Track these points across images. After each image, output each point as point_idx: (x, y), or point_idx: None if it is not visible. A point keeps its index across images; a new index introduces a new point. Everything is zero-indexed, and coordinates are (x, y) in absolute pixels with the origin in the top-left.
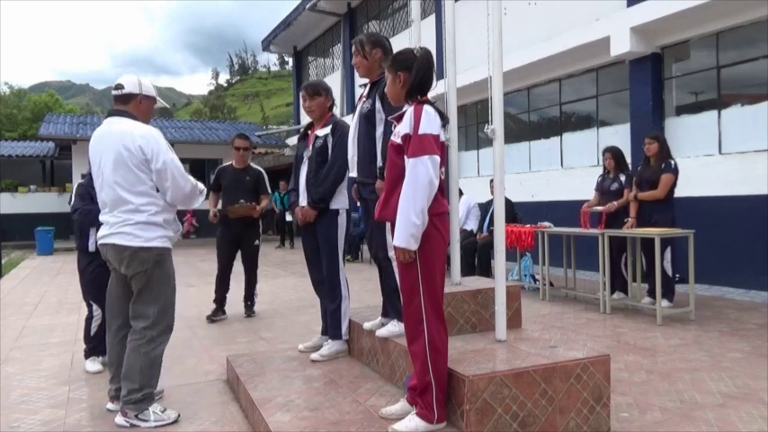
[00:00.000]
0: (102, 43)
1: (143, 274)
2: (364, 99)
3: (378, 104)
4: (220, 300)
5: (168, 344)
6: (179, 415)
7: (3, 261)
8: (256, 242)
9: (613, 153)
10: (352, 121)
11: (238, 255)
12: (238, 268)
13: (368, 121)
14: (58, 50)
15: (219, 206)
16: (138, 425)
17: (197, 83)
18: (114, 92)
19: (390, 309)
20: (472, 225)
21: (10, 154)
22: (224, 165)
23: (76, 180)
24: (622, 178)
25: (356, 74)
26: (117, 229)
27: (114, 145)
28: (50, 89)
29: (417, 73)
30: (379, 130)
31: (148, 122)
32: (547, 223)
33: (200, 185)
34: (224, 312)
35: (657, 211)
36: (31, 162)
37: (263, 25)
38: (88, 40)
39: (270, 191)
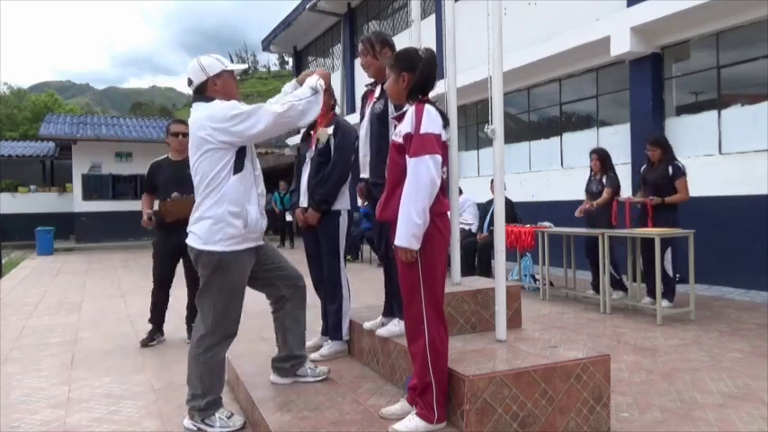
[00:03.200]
0: (101, 43)
1: (203, 278)
2: (375, 99)
3: (391, 105)
4: (159, 321)
5: (168, 343)
6: (245, 422)
7: (3, 261)
8: None
9: (599, 155)
10: (362, 122)
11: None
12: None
13: (381, 121)
14: (58, 50)
15: (156, 207)
16: (204, 429)
17: None
18: (189, 87)
19: (397, 308)
20: (471, 223)
21: (10, 154)
22: (157, 159)
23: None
24: (604, 180)
25: (356, 74)
26: (189, 227)
27: (191, 138)
28: (50, 89)
29: (422, 74)
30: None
31: (235, 95)
32: (547, 223)
33: (300, 96)
34: (162, 333)
35: (659, 212)
36: (31, 162)
37: (262, 25)
38: (88, 40)
39: None
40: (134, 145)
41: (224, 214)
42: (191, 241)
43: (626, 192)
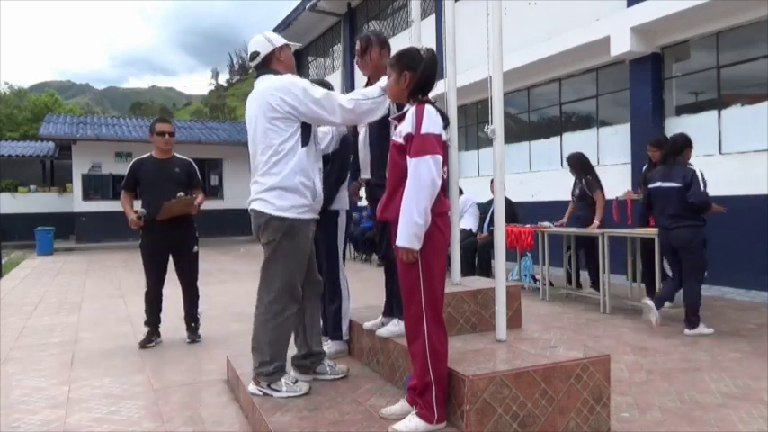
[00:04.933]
0: (101, 43)
1: (272, 244)
2: None
3: (393, 106)
4: (155, 322)
5: (168, 343)
6: (310, 387)
7: (3, 261)
8: (195, 248)
9: (570, 162)
10: (360, 126)
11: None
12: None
13: (381, 124)
14: (57, 50)
15: (138, 207)
16: (270, 394)
17: (197, 83)
18: (252, 62)
19: (397, 308)
20: (471, 224)
21: (10, 154)
22: (140, 157)
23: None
24: (583, 183)
25: (356, 74)
26: (256, 195)
27: (259, 105)
28: (50, 89)
29: (423, 74)
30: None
31: (294, 70)
32: (547, 223)
33: (367, 95)
34: (159, 335)
35: None
36: (31, 162)
37: (261, 25)
38: (87, 40)
39: (201, 185)
40: (134, 145)
41: (297, 185)
42: (260, 207)
43: (621, 190)
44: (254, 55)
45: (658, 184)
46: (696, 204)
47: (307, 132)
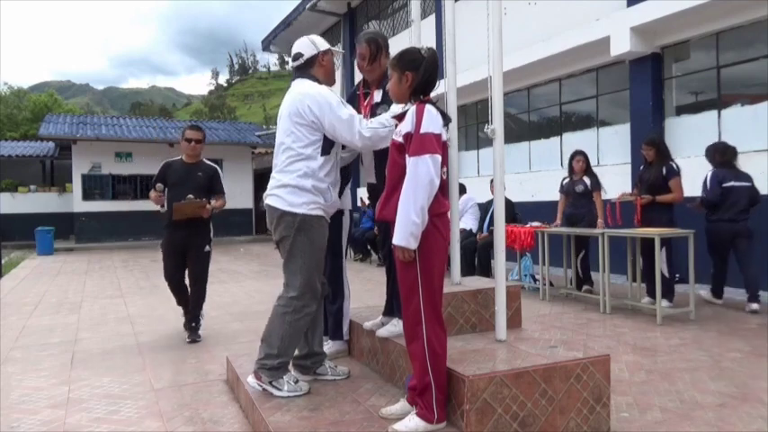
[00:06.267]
0: (101, 43)
1: (287, 240)
2: (375, 104)
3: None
4: (185, 301)
5: (168, 343)
6: (310, 388)
7: (3, 261)
8: (207, 248)
9: (586, 157)
10: None
11: None
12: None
13: None
14: (57, 51)
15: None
16: (270, 391)
17: (197, 83)
18: (294, 63)
19: (397, 308)
20: (471, 224)
21: (10, 154)
22: (171, 159)
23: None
24: (587, 180)
25: (356, 74)
26: (271, 190)
27: (289, 106)
28: (50, 89)
29: (424, 73)
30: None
31: (334, 75)
32: (536, 223)
33: (385, 124)
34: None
35: (655, 211)
36: (31, 162)
37: (259, 25)
38: (87, 40)
39: (224, 191)
40: (134, 145)
41: (309, 187)
42: (272, 202)
43: (621, 191)
44: (298, 56)
45: (733, 183)
46: (757, 201)
47: (329, 142)
